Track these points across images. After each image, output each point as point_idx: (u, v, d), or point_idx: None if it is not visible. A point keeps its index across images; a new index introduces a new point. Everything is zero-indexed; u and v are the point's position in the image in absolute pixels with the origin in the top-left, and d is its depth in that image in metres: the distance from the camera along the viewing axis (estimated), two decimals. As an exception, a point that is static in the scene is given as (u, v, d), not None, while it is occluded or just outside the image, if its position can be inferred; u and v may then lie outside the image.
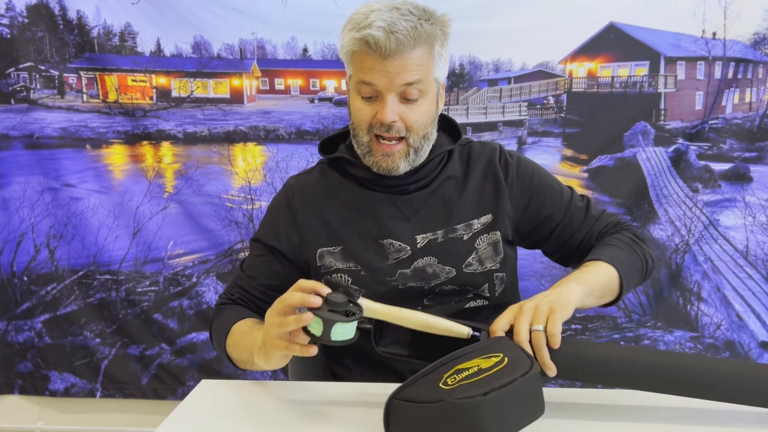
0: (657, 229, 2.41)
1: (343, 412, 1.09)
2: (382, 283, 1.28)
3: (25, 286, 2.61)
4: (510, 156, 1.35)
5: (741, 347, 2.41)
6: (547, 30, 2.34)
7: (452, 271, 1.28)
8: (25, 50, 2.50)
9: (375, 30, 1.13)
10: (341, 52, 1.23)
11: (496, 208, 1.31)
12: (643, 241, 1.31)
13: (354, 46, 1.17)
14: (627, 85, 2.38)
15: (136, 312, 2.58)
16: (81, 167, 2.56)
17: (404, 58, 1.15)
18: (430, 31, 1.16)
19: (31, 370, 2.65)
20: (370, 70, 1.17)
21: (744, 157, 2.37)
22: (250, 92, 2.51)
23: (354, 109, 1.24)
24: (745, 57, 2.32)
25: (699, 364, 1.03)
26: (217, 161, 2.53)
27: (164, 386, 2.61)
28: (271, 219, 1.37)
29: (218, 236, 2.54)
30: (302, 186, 1.36)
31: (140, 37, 2.46)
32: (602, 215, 1.36)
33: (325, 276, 1.31)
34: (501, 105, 2.44)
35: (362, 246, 1.28)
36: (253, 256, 1.37)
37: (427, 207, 1.30)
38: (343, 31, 1.21)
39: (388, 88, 1.17)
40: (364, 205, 1.30)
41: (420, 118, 1.21)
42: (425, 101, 1.21)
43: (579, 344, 1.06)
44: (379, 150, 1.22)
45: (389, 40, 1.12)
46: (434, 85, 1.22)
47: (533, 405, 0.93)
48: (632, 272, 1.23)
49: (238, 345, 1.21)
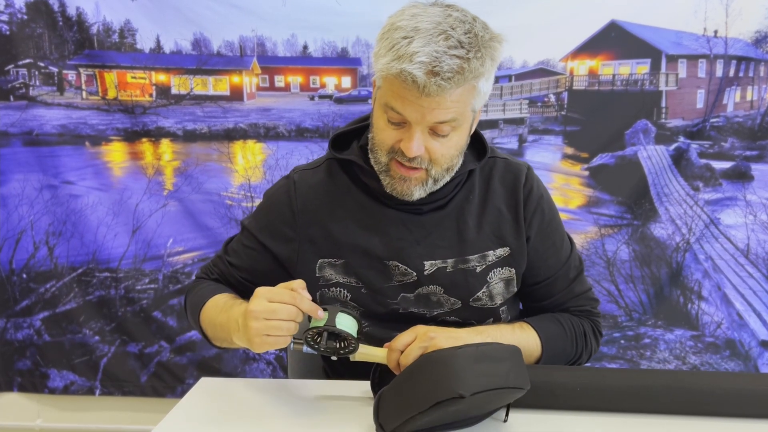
0: (658, 227, 2.41)
1: (343, 410, 1.09)
2: (382, 305, 1.21)
3: (24, 283, 2.60)
4: (536, 186, 1.24)
5: (741, 346, 2.41)
6: (548, 28, 2.34)
7: (458, 302, 1.21)
8: (24, 47, 2.49)
9: (416, 68, 0.98)
10: (374, 60, 1.09)
11: (515, 242, 1.21)
12: (597, 336, 1.28)
13: (390, 72, 1.02)
14: (628, 83, 2.38)
15: (135, 310, 2.58)
16: (80, 164, 2.55)
17: (442, 97, 1.02)
18: (477, 69, 1.02)
19: (30, 368, 2.64)
20: (402, 100, 1.04)
21: (745, 155, 2.36)
22: (250, 89, 2.51)
23: (377, 128, 1.12)
24: (747, 55, 2.31)
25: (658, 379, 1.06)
26: (216, 159, 2.53)
27: (163, 384, 2.61)
28: (268, 213, 1.27)
29: (218, 234, 2.53)
30: (307, 185, 1.25)
31: (140, 34, 2.45)
32: (582, 295, 1.28)
33: (323, 289, 1.23)
34: (502, 103, 2.44)
35: (365, 264, 1.20)
36: (241, 243, 1.30)
37: (439, 231, 1.20)
38: (379, 46, 1.06)
39: (419, 121, 1.05)
40: (373, 220, 1.20)
41: (447, 152, 1.10)
42: (456, 134, 1.10)
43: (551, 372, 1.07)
44: (397, 173, 1.11)
45: (429, 83, 0.99)
46: (470, 115, 1.11)
47: (515, 373, 0.92)
48: (555, 360, 1.20)
49: (213, 322, 1.18)
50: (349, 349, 1.06)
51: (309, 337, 1.05)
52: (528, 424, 1.02)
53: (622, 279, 2.44)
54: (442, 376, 0.88)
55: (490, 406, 0.96)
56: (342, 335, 1.04)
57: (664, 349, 2.44)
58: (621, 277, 2.44)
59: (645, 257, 2.42)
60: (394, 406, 0.92)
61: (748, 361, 2.41)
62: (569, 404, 1.05)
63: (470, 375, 0.87)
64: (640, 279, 2.43)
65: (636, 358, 2.44)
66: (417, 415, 0.88)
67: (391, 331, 1.16)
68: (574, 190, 2.44)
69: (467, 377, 0.87)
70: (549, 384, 1.04)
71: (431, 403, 0.87)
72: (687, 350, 2.43)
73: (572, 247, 1.29)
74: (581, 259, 1.32)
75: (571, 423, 1.03)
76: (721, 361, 2.42)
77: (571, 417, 1.04)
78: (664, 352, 2.44)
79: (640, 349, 2.44)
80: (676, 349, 2.44)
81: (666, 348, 2.44)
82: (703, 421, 1.03)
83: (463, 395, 0.85)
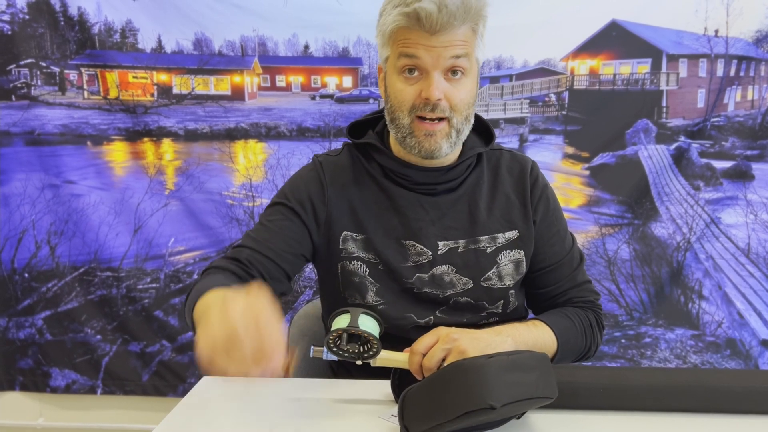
0: (658, 226, 2.41)
1: (345, 409, 1.09)
2: (398, 282, 1.25)
3: (26, 282, 2.61)
4: (541, 176, 1.32)
5: (742, 345, 2.41)
6: (549, 27, 2.34)
7: (469, 282, 1.25)
8: (26, 47, 2.50)
9: (426, 3, 1.09)
10: (379, 32, 1.19)
11: (523, 226, 1.28)
12: (601, 328, 1.32)
13: (401, 21, 1.12)
14: (629, 82, 2.38)
15: (136, 309, 2.58)
16: (82, 164, 2.56)
17: (452, 33, 1.12)
18: (477, 8, 1.13)
19: (32, 367, 2.65)
20: (415, 46, 1.13)
21: (746, 155, 2.36)
22: (251, 89, 2.51)
23: (395, 90, 1.18)
24: (748, 54, 2.31)
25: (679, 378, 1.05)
26: (218, 158, 2.53)
27: (165, 383, 2.61)
28: (295, 188, 1.29)
29: (219, 233, 2.53)
30: (332, 164, 1.30)
31: (141, 34, 2.46)
32: (584, 285, 1.33)
33: (344, 261, 1.26)
34: (502, 102, 2.44)
35: (385, 242, 1.25)
36: (266, 221, 1.27)
37: (453, 212, 1.26)
38: (384, 9, 1.16)
39: (435, 64, 1.13)
40: (391, 201, 1.26)
41: (465, 96, 1.17)
42: (468, 80, 1.17)
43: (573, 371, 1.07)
44: (422, 129, 1.17)
45: (441, 14, 1.09)
46: (476, 64, 1.19)
47: (543, 382, 0.92)
48: (569, 354, 1.24)
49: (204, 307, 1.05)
50: (372, 352, 1.04)
51: (330, 341, 1.03)
52: (551, 424, 1.02)
53: (622, 278, 2.44)
54: (474, 385, 0.87)
55: (515, 412, 0.96)
56: (364, 337, 1.03)
57: (664, 349, 2.44)
58: (622, 277, 2.44)
59: (646, 256, 2.42)
60: (421, 410, 0.92)
61: (748, 360, 2.41)
62: (591, 404, 1.05)
63: (501, 385, 0.87)
64: (641, 278, 2.43)
65: (637, 357, 2.44)
66: (445, 423, 0.88)
67: (404, 311, 1.24)
68: (575, 189, 2.44)
69: (498, 387, 0.87)
70: (572, 384, 1.04)
71: (461, 412, 0.86)
72: (688, 349, 2.44)
73: (574, 241, 1.36)
74: (582, 253, 1.37)
75: (593, 422, 1.03)
76: (722, 361, 2.42)
77: (593, 416, 1.04)
78: (665, 351, 2.44)
79: (640, 348, 2.45)
80: (677, 349, 2.44)
81: (667, 347, 2.44)
82: (724, 419, 1.03)
83: (494, 406, 0.85)
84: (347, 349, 1.04)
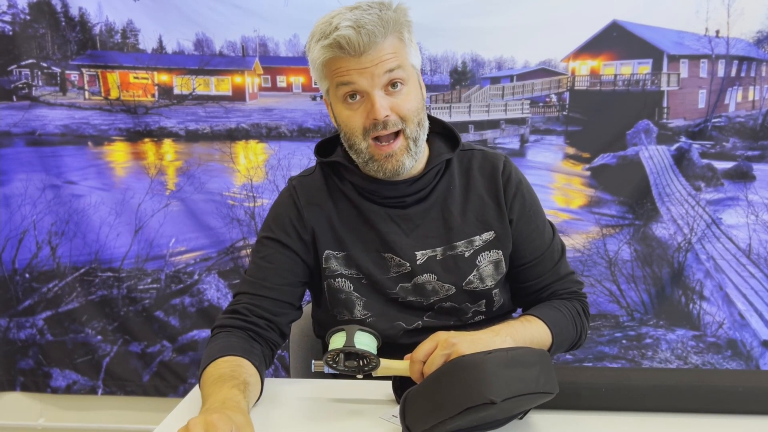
0: (659, 227, 2.41)
1: (346, 409, 1.09)
2: (382, 294, 1.27)
3: (27, 283, 2.61)
4: (514, 173, 1.31)
5: (743, 346, 2.40)
6: (550, 28, 2.34)
7: (452, 288, 1.27)
8: (27, 47, 2.50)
9: (344, 30, 1.11)
10: (312, 68, 1.21)
11: (499, 226, 1.28)
12: (587, 316, 1.34)
13: (326, 53, 1.15)
14: (630, 83, 2.38)
15: (137, 309, 2.58)
16: (83, 164, 2.56)
17: (378, 50, 1.13)
18: (396, 18, 1.15)
19: (33, 367, 2.65)
20: (348, 72, 1.15)
21: (747, 155, 2.36)
22: (252, 90, 2.51)
23: (343, 118, 1.20)
24: (749, 55, 2.31)
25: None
26: (218, 159, 2.53)
27: (166, 383, 2.61)
28: (276, 217, 1.31)
29: (220, 234, 2.53)
30: (306, 186, 1.32)
31: (142, 35, 2.46)
32: (567, 276, 1.34)
33: (329, 279, 1.28)
34: (503, 103, 2.44)
35: (364, 256, 1.26)
36: (257, 258, 1.29)
37: (426, 222, 1.27)
38: (309, 46, 1.19)
39: (372, 84, 1.15)
40: (365, 216, 1.27)
41: (411, 105, 1.18)
42: (410, 87, 1.19)
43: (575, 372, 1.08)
44: (381, 153, 1.19)
45: (360, 35, 1.11)
46: (413, 71, 1.21)
47: (544, 377, 0.92)
48: (563, 345, 1.26)
49: (203, 386, 1.10)
50: (371, 366, 1.07)
51: (329, 359, 1.06)
52: (553, 424, 1.02)
53: (623, 279, 2.44)
54: (473, 381, 0.88)
55: (518, 409, 0.96)
56: (361, 354, 1.05)
57: (665, 349, 2.44)
58: (622, 277, 2.44)
59: (646, 257, 2.42)
60: (422, 409, 0.92)
61: (749, 361, 2.41)
62: (594, 404, 1.05)
63: (501, 380, 0.87)
64: (642, 279, 2.43)
65: (638, 358, 2.44)
66: (447, 420, 0.88)
67: (392, 320, 1.27)
68: (576, 190, 2.44)
69: (498, 383, 0.87)
70: (574, 385, 1.04)
71: (462, 408, 0.87)
72: (689, 350, 2.43)
73: (554, 232, 1.36)
74: (563, 243, 1.38)
75: (596, 423, 1.03)
76: (723, 361, 2.42)
77: (595, 417, 1.04)
78: (666, 352, 2.44)
79: (641, 349, 2.45)
80: (678, 349, 2.44)
81: (668, 348, 2.44)
82: (726, 419, 1.03)
83: (494, 401, 0.85)
84: (347, 365, 1.06)
